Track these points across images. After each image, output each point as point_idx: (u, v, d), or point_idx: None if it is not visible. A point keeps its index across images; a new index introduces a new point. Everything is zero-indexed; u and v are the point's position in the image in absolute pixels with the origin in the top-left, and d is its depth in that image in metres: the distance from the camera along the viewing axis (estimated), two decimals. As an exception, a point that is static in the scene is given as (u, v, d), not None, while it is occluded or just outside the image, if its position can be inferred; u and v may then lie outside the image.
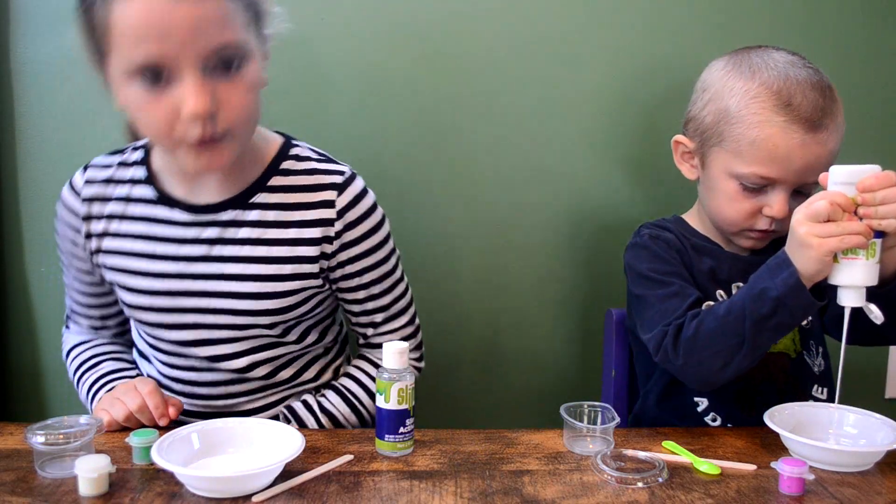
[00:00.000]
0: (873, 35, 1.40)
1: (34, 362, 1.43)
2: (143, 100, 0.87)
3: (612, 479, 0.86)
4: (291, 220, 1.01)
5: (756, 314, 0.93)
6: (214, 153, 0.90)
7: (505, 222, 1.43)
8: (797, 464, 0.84)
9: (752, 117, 1.01)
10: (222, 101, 0.87)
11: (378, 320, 1.11)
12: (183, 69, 0.85)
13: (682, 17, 1.38)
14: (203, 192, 1.02)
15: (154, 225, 1.02)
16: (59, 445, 0.84)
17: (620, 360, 1.27)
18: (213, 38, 0.85)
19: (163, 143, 0.92)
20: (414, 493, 0.82)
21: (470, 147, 1.40)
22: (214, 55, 0.86)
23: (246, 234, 1.01)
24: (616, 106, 1.40)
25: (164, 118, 0.87)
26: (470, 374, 1.46)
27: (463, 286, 1.43)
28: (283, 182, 1.02)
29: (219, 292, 1.01)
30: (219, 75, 0.87)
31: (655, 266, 1.08)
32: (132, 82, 0.87)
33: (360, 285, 1.07)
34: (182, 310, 1.03)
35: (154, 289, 1.02)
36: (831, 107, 1.02)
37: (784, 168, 1.01)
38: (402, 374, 0.90)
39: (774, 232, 1.07)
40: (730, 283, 1.11)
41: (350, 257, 1.04)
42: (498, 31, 1.37)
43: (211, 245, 1.01)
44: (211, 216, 1.01)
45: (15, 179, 1.38)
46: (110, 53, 0.87)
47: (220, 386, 1.07)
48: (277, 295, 1.01)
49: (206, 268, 1.01)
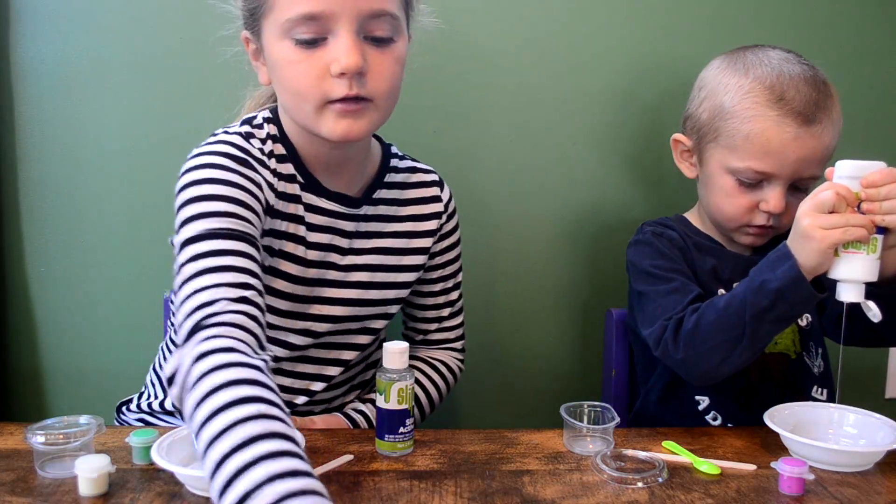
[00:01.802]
0: (872, 35, 1.40)
1: (34, 362, 1.43)
2: (295, 56, 0.88)
3: (611, 479, 0.86)
4: (406, 214, 1.08)
5: (756, 306, 0.93)
6: (356, 118, 0.90)
7: (505, 222, 1.43)
8: (797, 464, 0.84)
9: (745, 112, 1.02)
10: (372, 66, 0.89)
11: (445, 314, 1.16)
12: (340, 27, 0.87)
13: (685, 16, 1.38)
14: (341, 183, 1.02)
15: (307, 212, 0.99)
16: (59, 445, 0.84)
17: (620, 360, 1.27)
18: (373, 2, 0.87)
19: (307, 103, 0.90)
20: (414, 493, 0.82)
21: (469, 147, 1.40)
22: (371, 20, 0.88)
23: (371, 227, 1.05)
24: (617, 106, 1.40)
25: (314, 73, 0.88)
26: (470, 373, 1.45)
27: (463, 286, 1.43)
28: (395, 179, 1.08)
29: (348, 282, 1.03)
30: (371, 43, 0.89)
31: (657, 262, 1.09)
32: (286, 39, 0.88)
33: (441, 277, 1.14)
34: (316, 299, 1.02)
35: (300, 275, 1.00)
36: (825, 101, 1.02)
37: (778, 162, 1.02)
38: (402, 374, 0.90)
39: (773, 228, 1.08)
40: (732, 282, 1.11)
41: (442, 248, 1.13)
42: (498, 31, 1.37)
43: (349, 238, 1.03)
44: (353, 209, 1.02)
45: (15, 179, 1.38)
46: (271, 10, 0.89)
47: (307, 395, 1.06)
48: (400, 286, 1.08)
49: (342, 259, 1.03)
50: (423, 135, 1.39)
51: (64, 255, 1.40)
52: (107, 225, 1.39)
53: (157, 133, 1.36)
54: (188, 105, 1.36)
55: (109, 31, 1.34)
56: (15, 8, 1.34)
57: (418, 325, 1.17)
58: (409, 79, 1.40)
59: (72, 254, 1.40)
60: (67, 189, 1.38)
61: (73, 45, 1.35)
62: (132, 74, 1.35)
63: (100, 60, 1.35)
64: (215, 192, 0.86)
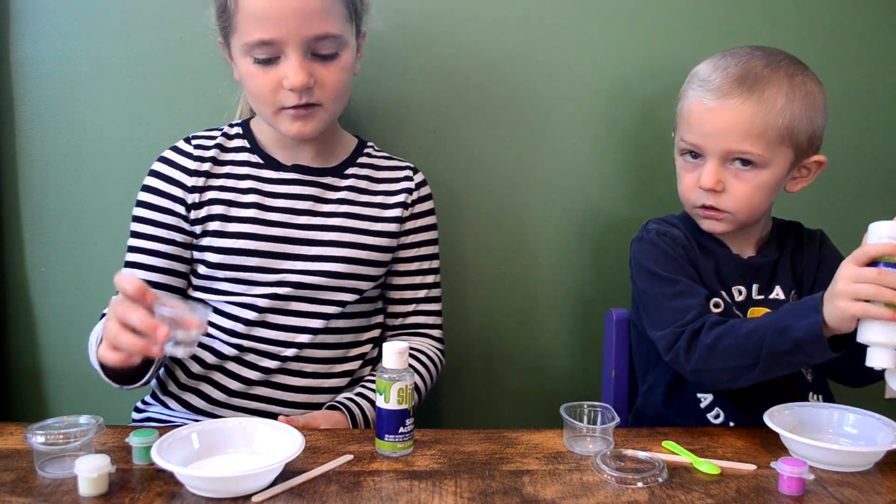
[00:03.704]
0: (872, 35, 1.40)
1: (34, 362, 1.43)
2: (255, 71, 1.06)
3: (611, 479, 0.86)
4: (378, 189, 1.20)
5: (774, 347, 0.95)
6: (307, 120, 1.08)
7: (505, 222, 1.43)
8: (797, 464, 0.84)
9: (685, 92, 1.11)
10: (318, 79, 1.06)
11: (420, 296, 1.24)
12: (289, 50, 1.04)
13: (686, 16, 1.38)
14: (303, 161, 1.17)
15: (262, 183, 1.15)
16: (59, 445, 0.84)
17: (620, 360, 1.27)
18: (315, 27, 1.04)
19: (266, 108, 1.09)
20: (414, 493, 0.82)
21: (469, 147, 1.40)
22: (316, 42, 1.05)
23: (343, 196, 1.17)
24: (617, 106, 1.40)
25: (270, 87, 1.06)
26: (470, 373, 1.46)
27: (463, 286, 1.43)
28: (368, 161, 1.22)
29: (321, 241, 1.14)
30: (318, 59, 1.06)
31: (662, 263, 1.10)
32: (248, 56, 1.06)
33: (416, 257, 1.23)
34: (285, 256, 1.12)
35: (264, 234, 1.12)
36: (755, 81, 1.04)
37: (699, 133, 1.07)
38: (401, 374, 0.90)
39: (718, 211, 1.08)
40: (730, 285, 1.11)
41: (415, 227, 1.22)
42: (497, 32, 1.37)
43: (315, 202, 1.16)
44: (313, 177, 1.17)
45: (15, 179, 1.38)
46: (235, 31, 1.06)
47: (282, 361, 1.13)
48: (369, 248, 1.16)
49: (310, 220, 1.15)
50: (423, 135, 1.39)
51: (64, 255, 1.40)
52: (107, 225, 1.39)
53: (157, 133, 1.36)
54: (188, 105, 1.36)
55: (109, 31, 1.34)
56: (15, 8, 1.34)
57: (396, 308, 1.24)
58: (409, 79, 1.40)
59: (72, 254, 1.40)
60: (67, 189, 1.38)
61: (73, 45, 1.34)
62: (132, 74, 1.35)
63: (100, 60, 1.35)
64: (141, 201, 1.14)
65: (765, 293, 1.11)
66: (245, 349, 1.13)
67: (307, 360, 1.15)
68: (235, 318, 1.13)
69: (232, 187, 1.14)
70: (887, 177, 1.44)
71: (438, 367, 1.22)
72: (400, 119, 1.39)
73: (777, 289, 1.12)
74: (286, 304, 1.13)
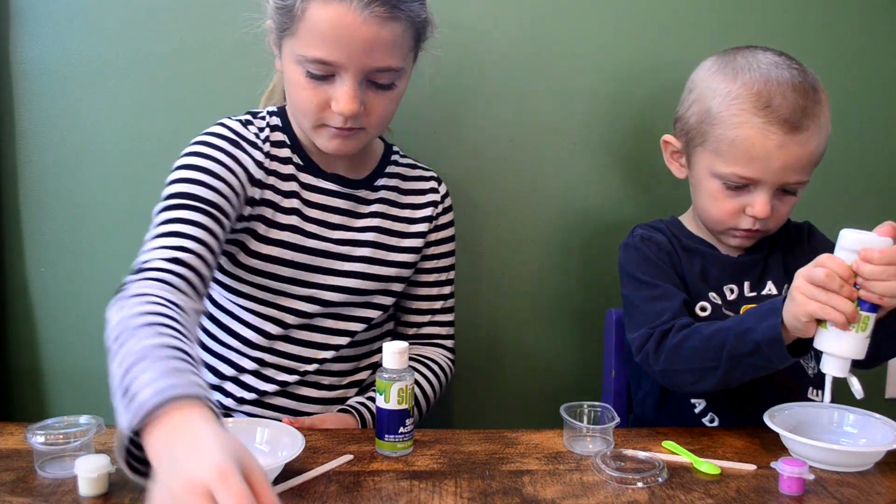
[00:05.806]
0: (871, 35, 1.40)
1: (34, 362, 1.43)
2: (304, 83, 1.00)
3: (611, 479, 0.86)
4: (405, 202, 1.18)
5: (735, 350, 0.94)
6: (347, 140, 1.03)
7: (505, 223, 1.43)
8: (797, 464, 0.84)
9: (731, 118, 1.02)
10: (369, 106, 1.01)
11: (437, 307, 1.22)
12: (346, 74, 0.97)
13: (681, 17, 1.38)
14: (340, 170, 1.13)
15: (303, 189, 1.10)
16: (59, 445, 0.84)
17: (620, 360, 1.27)
18: (377, 60, 0.98)
19: (307, 120, 1.03)
20: (414, 493, 0.82)
21: (469, 147, 1.40)
22: (375, 72, 0.99)
23: (374, 209, 1.14)
24: (613, 106, 1.40)
25: (316, 103, 1.00)
26: (470, 374, 1.46)
27: (463, 287, 1.43)
28: (395, 171, 1.18)
29: (352, 256, 1.11)
30: (372, 87, 1.01)
31: (643, 268, 1.10)
32: (300, 66, 0.99)
33: (435, 268, 1.20)
34: (319, 269, 1.09)
35: (302, 244, 1.08)
36: (813, 108, 1.01)
37: (763, 168, 1.01)
38: (402, 374, 0.90)
39: (759, 231, 1.08)
40: (721, 286, 1.11)
41: (437, 239, 1.20)
42: (497, 33, 1.37)
43: (348, 216, 1.12)
44: (349, 189, 1.12)
45: (15, 179, 1.38)
46: (294, 36, 0.99)
47: (308, 364, 1.12)
48: (396, 264, 1.14)
49: (343, 235, 1.11)
50: (423, 135, 1.39)
51: (64, 255, 1.40)
52: (107, 225, 1.39)
53: (157, 133, 1.36)
54: (188, 105, 1.36)
55: (109, 31, 1.34)
56: (15, 8, 1.33)
57: (411, 318, 1.22)
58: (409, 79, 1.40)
59: (72, 254, 1.40)
60: (67, 189, 1.38)
61: (73, 45, 1.34)
62: (132, 74, 1.35)
63: (100, 60, 1.35)
64: (194, 163, 1.00)
65: (756, 290, 1.11)
66: (266, 363, 1.10)
67: (326, 374, 1.13)
68: (258, 331, 1.09)
69: (278, 189, 1.07)
70: (887, 177, 1.44)
71: (449, 377, 1.20)
72: (400, 119, 1.38)
73: (769, 284, 1.11)
74: (313, 320, 1.11)
